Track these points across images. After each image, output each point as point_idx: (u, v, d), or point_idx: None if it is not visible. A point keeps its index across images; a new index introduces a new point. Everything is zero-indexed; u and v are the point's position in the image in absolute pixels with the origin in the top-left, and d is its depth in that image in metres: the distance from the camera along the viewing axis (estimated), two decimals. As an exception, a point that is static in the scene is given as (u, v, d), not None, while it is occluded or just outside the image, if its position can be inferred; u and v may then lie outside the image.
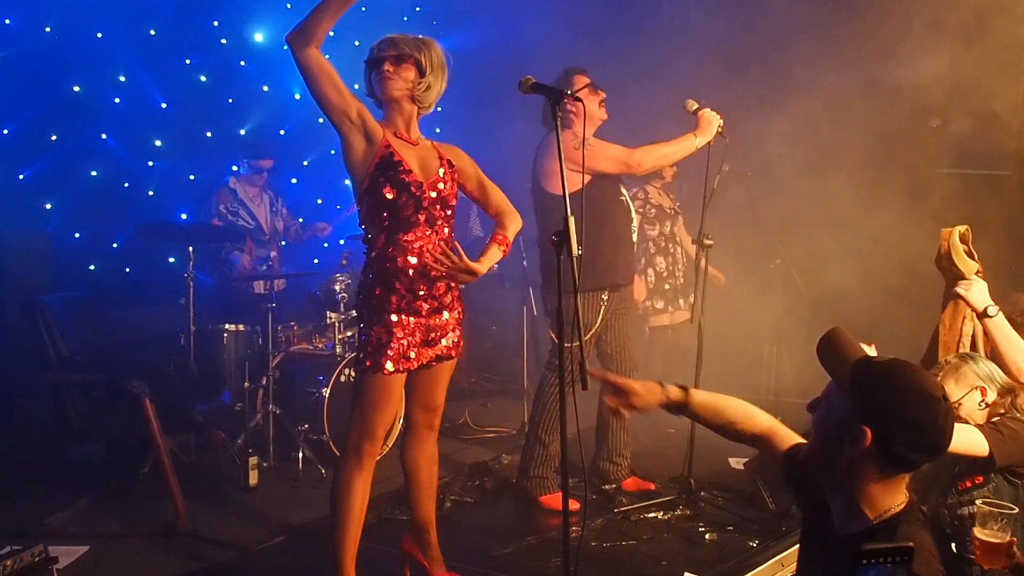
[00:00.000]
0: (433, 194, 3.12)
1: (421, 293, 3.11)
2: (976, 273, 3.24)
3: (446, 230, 3.20)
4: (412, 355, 3.12)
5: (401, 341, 3.08)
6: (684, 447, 5.18)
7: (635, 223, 4.64)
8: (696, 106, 4.37)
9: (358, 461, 3.12)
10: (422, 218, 3.10)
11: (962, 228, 3.27)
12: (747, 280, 6.24)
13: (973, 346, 3.28)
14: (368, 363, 3.07)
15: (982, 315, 3.14)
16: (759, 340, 6.67)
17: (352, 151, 3.07)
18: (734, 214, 6.00)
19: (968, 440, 2.74)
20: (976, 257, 3.27)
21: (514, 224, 3.39)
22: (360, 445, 3.12)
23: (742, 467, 4.67)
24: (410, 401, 3.36)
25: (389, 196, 3.05)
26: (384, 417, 3.14)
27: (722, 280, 6.23)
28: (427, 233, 3.12)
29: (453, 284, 3.23)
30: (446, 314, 3.22)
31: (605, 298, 4.44)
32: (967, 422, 2.89)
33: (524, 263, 6.01)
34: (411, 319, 3.10)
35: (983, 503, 2.25)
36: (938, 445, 1.76)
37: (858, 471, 1.77)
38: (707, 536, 4.06)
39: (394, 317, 3.08)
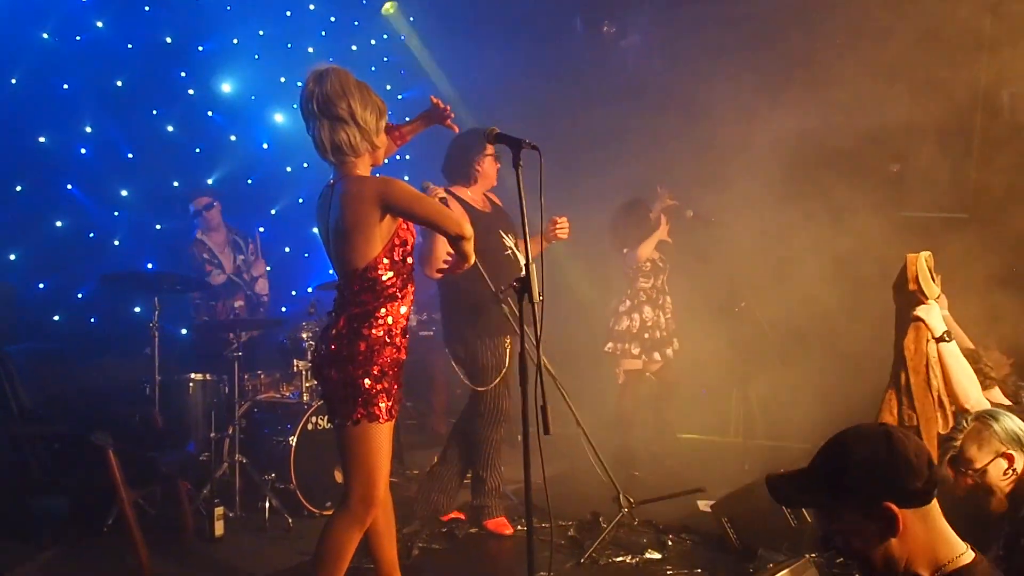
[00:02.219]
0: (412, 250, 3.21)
1: (399, 343, 3.17)
2: (936, 298, 3.34)
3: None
4: (393, 404, 3.14)
5: (389, 391, 3.11)
6: (653, 491, 5.22)
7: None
8: (441, 194, 4.34)
9: (362, 517, 3.10)
10: (410, 275, 3.19)
11: (926, 253, 3.37)
12: (713, 323, 6.31)
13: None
14: (360, 414, 3.05)
15: (939, 339, 3.24)
16: (726, 383, 6.73)
17: (381, 233, 3.06)
18: (698, 258, 6.10)
19: None
20: (937, 282, 3.39)
21: None
22: (367, 503, 3.09)
23: (710, 510, 4.70)
24: None
25: (409, 260, 3.14)
26: (387, 469, 3.14)
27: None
28: (411, 286, 3.20)
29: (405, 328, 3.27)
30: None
31: (508, 342, 4.64)
32: (993, 491, 2.74)
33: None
34: (390, 369, 3.13)
35: None
36: (920, 452, 1.76)
37: (906, 540, 1.73)
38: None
39: (376, 369, 3.08)
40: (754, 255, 6.04)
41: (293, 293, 6.71)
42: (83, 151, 6.04)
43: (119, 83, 6.26)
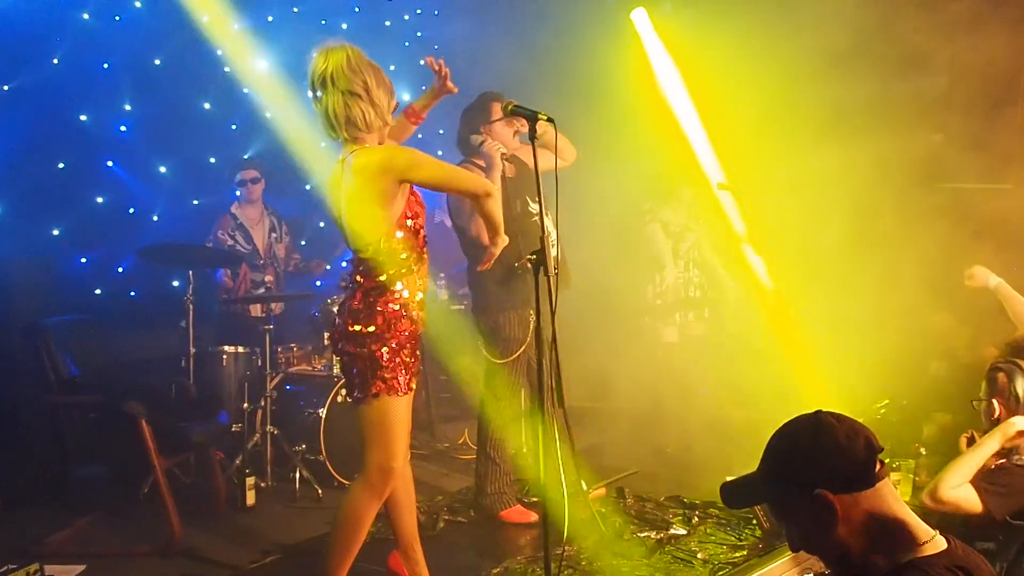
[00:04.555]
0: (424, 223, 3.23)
1: (415, 316, 3.18)
2: None
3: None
4: (410, 377, 3.18)
5: (406, 362, 3.14)
6: (682, 466, 5.20)
7: (554, 237, 4.68)
8: (481, 139, 4.41)
9: (380, 489, 3.16)
10: (423, 247, 3.21)
11: None
12: (751, 298, 6.23)
13: None
14: (377, 388, 3.10)
15: None
16: (763, 357, 6.63)
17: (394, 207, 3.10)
18: (730, 231, 6.01)
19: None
20: None
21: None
22: (385, 474, 3.14)
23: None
24: None
25: (417, 230, 3.16)
26: (405, 439, 3.19)
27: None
28: (424, 258, 3.22)
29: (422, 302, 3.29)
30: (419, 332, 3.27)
31: (532, 314, 4.46)
32: None
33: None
34: (406, 341, 3.16)
35: None
36: (853, 434, 1.70)
37: (853, 524, 1.67)
38: (699, 555, 4.05)
39: (393, 343, 3.12)
40: (787, 228, 5.94)
41: (327, 268, 6.78)
42: (123, 128, 6.16)
43: (157, 62, 6.35)
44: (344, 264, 6.63)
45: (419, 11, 8.00)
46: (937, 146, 6.30)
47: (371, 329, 3.11)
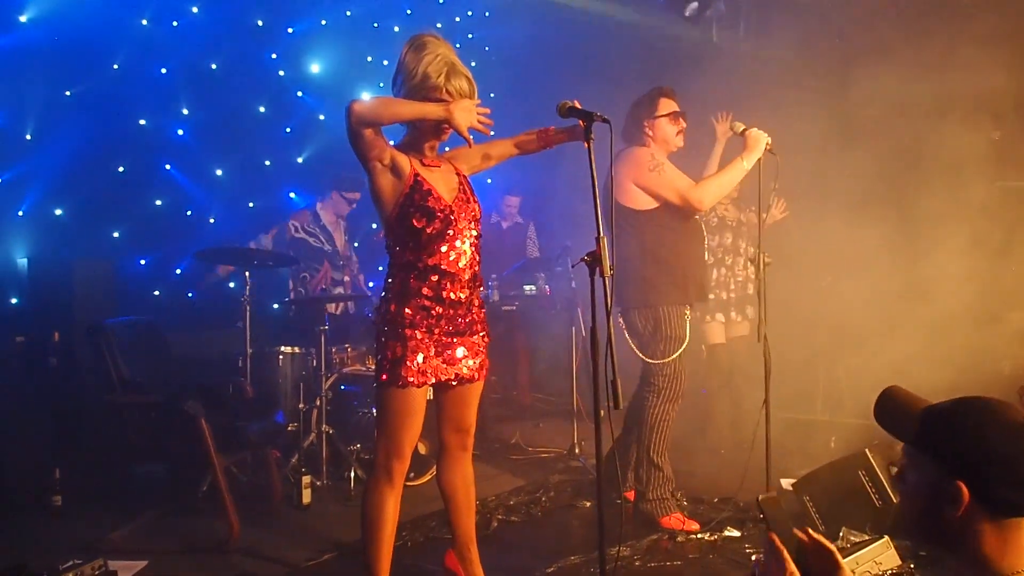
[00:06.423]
0: (463, 213, 3.19)
1: (438, 312, 3.13)
2: None
3: (467, 243, 3.18)
4: (428, 370, 3.13)
5: (416, 355, 3.09)
6: (736, 468, 5.13)
7: (706, 242, 4.65)
8: (743, 127, 4.26)
9: (388, 479, 3.15)
10: (448, 237, 3.13)
11: None
12: (801, 299, 6.15)
13: None
14: (384, 377, 3.09)
15: None
16: (815, 358, 6.56)
17: (381, 189, 3.11)
18: (783, 230, 5.95)
19: None
20: None
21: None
22: (389, 463, 3.14)
23: (791, 488, 4.61)
24: (441, 423, 3.38)
25: (418, 224, 3.08)
26: (410, 433, 3.15)
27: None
28: (452, 254, 3.14)
29: (475, 306, 3.26)
30: (468, 337, 3.24)
31: (688, 313, 4.40)
32: None
33: (573, 284, 6.05)
34: (425, 335, 3.11)
35: None
36: None
37: (969, 531, 1.58)
38: (753, 557, 4.00)
39: (407, 332, 3.09)
40: (842, 227, 5.84)
41: (380, 268, 6.85)
42: (180, 132, 6.29)
43: (213, 66, 6.47)
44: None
45: (470, 12, 8.05)
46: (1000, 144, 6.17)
47: (386, 318, 3.11)
